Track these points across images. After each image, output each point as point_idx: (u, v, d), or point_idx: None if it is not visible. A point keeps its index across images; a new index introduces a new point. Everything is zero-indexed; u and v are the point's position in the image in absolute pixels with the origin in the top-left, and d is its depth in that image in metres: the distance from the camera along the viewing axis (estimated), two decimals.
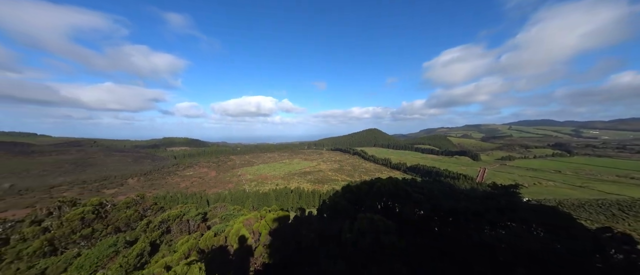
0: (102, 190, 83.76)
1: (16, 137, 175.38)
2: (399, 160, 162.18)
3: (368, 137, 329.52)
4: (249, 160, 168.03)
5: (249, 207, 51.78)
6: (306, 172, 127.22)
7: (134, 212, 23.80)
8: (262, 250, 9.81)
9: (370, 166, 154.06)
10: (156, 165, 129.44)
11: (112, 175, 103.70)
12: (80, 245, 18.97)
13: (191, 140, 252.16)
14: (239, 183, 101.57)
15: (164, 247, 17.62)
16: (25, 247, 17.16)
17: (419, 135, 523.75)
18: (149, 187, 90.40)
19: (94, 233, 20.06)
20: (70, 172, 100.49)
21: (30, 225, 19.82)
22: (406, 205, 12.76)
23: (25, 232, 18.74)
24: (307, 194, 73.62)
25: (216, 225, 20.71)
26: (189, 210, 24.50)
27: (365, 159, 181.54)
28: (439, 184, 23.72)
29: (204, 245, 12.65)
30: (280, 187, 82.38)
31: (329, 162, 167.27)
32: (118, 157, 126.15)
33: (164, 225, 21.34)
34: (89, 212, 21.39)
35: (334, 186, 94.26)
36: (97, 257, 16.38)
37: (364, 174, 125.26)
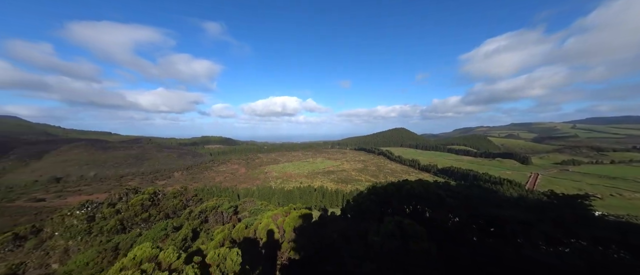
0: (155, 181, 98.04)
1: (97, 135, 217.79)
2: (429, 161, 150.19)
3: (394, 136, 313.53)
4: (275, 159, 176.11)
5: (275, 203, 54.38)
6: (329, 172, 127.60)
7: (179, 201, 27.23)
8: (287, 245, 10.21)
9: (396, 167, 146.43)
10: (196, 161, 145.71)
11: (162, 169, 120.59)
12: (141, 226, 22.53)
13: (224, 138, 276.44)
14: (266, 180, 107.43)
15: (203, 234, 19.77)
16: (105, 224, 21.16)
17: (453, 135, 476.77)
18: (190, 180, 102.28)
19: (150, 217, 23.60)
20: (133, 164, 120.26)
21: (107, 207, 24.35)
22: (438, 211, 11.79)
23: (104, 212, 23.08)
24: (331, 193, 73.81)
25: (246, 218, 22.35)
26: (222, 203, 26.96)
27: (390, 160, 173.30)
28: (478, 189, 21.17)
29: (236, 236, 13.78)
30: (304, 186, 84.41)
31: (352, 161, 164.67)
32: (166, 153, 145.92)
33: (202, 215, 23.92)
34: (146, 199, 25.22)
35: (357, 186, 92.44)
36: (153, 237, 19.24)
37: (389, 175, 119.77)
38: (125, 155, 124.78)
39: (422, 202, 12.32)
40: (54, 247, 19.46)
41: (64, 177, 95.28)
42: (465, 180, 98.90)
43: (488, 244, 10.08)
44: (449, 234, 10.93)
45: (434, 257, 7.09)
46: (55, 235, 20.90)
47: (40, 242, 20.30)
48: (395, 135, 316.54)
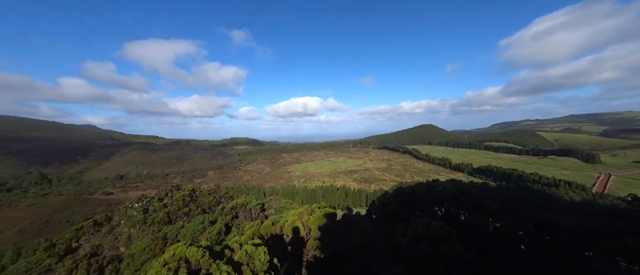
0: (193, 179, 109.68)
1: (147, 138, 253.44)
2: (462, 160, 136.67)
3: (421, 134, 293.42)
4: (297, 158, 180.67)
5: (298, 201, 55.81)
6: (352, 171, 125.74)
7: (213, 198, 29.92)
8: (313, 243, 10.42)
9: (424, 166, 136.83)
10: (226, 161, 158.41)
11: (199, 168, 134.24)
12: (183, 219, 25.42)
13: (250, 139, 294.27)
14: (289, 179, 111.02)
15: (234, 229, 21.40)
16: (156, 216, 24.40)
17: (491, 130, 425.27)
18: (222, 179, 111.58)
19: (190, 211, 26.47)
20: (175, 164, 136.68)
21: (157, 201, 28.05)
22: (475, 214, 10.70)
23: (155, 205, 26.63)
24: (354, 192, 72.67)
25: (272, 215, 23.46)
26: (250, 200, 28.76)
27: (417, 158, 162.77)
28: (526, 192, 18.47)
29: (264, 232, 14.58)
30: (327, 185, 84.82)
31: (376, 160, 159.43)
32: (201, 154, 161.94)
33: (233, 211, 25.86)
34: (187, 195, 28.31)
35: (382, 186, 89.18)
36: (192, 230, 21.56)
37: (416, 175, 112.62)
38: (169, 156, 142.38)
39: (456, 204, 11.34)
40: (121, 233, 23.26)
41: (125, 174, 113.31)
42: (508, 181, 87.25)
43: (540, 252, 8.75)
44: (489, 240, 9.83)
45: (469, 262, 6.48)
46: (121, 224, 24.97)
47: (111, 228, 24.42)
48: (422, 133, 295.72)
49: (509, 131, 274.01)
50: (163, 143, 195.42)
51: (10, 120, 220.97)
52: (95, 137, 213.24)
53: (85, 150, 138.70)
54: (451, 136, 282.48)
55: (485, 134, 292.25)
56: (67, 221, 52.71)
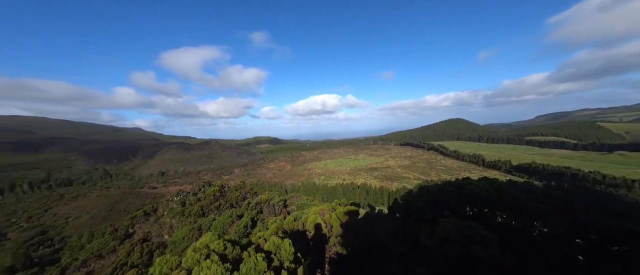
0: (221, 176, 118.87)
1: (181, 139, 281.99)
2: (498, 157, 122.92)
3: (448, 129, 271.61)
4: (317, 156, 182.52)
5: (319, 198, 56.64)
6: (373, 168, 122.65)
7: (239, 194, 32.07)
8: (335, 240, 10.57)
9: (452, 163, 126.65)
10: (250, 159, 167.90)
11: (226, 166, 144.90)
12: (214, 212, 27.81)
13: (272, 138, 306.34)
14: (310, 176, 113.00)
15: (259, 223, 22.75)
16: (191, 209, 27.13)
17: (535, 123, 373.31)
18: (247, 176, 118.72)
19: (220, 206, 28.80)
20: (205, 162, 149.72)
21: (192, 195, 31.15)
22: (517, 216, 9.65)
23: (191, 199, 29.61)
24: (375, 190, 70.97)
25: (294, 211, 24.30)
26: (273, 196, 30.14)
27: (444, 155, 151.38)
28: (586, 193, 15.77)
29: (287, 227, 15.24)
30: (347, 182, 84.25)
31: (398, 158, 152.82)
32: (228, 153, 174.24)
33: (258, 206, 27.42)
34: (217, 191, 30.82)
35: (405, 184, 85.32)
36: (222, 223, 23.49)
37: (443, 173, 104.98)
38: (200, 155, 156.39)
39: (491, 205, 10.37)
40: (164, 223, 26.51)
41: (165, 171, 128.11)
42: (558, 180, 75.89)
43: (605, 264, 7.50)
44: (533, 246, 8.78)
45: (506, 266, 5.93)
46: (164, 214, 28.43)
47: (157, 218, 27.95)
48: (450, 128, 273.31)
49: (559, 123, 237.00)
50: (195, 143, 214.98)
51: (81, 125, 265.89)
52: (141, 138, 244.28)
53: (135, 149, 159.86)
54: (484, 130, 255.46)
55: (527, 127, 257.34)
56: (124, 210, 61.84)
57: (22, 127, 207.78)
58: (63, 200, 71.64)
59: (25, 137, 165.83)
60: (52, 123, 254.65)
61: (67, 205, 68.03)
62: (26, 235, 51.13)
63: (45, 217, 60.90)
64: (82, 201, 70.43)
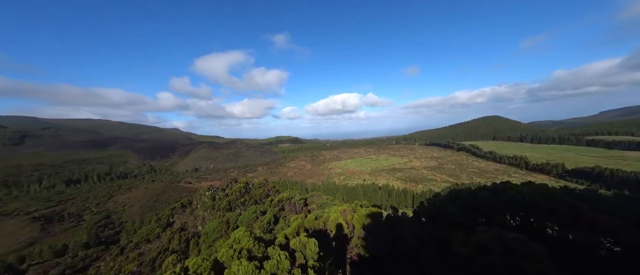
0: (246, 174, 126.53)
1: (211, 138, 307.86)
2: (546, 159, 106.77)
3: (482, 127, 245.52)
4: (337, 156, 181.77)
5: (339, 198, 56.49)
6: (395, 169, 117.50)
7: (262, 191, 33.79)
8: (356, 241, 10.56)
9: (487, 166, 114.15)
10: (272, 158, 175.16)
11: (250, 164, 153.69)
12: (240, 208, 29.80)
13: (293, 138, 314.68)
14: (330, 176, 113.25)
15: (281, 220, 23.72)
16: (220, 203, 29.48)
17: (599, 119, 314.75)
18: (269, 174, 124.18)
19: (245, 201, 30.74)
20: (232, 160, 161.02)
21: (221, 191, 33.84)
22: (575, 229, 8.40)
23: (219, 195, 32.20)
24: (398, 192, 67.93)
25: (315, 210, 24.74)
26: (294, 195, 31.06)
27: (477, 156, 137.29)
28: None
29: (309, 225, 15.64)
30: (368, 183, 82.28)
31: (423, 158, 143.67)
32: (252, 152, 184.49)
33: (280, 203, 28.57)
34: (242, 188, 32.92)
35: (431, 187, 79.85)
36: (248, 218, 25.09)
37: (476, 176, 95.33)
38: (227, 153, 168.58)
39: (540, 214, 9.23)
40: (198, 215, 29.40)
41: (198, 168, 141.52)
42: (633, 189, 62.79)
43: None
44: (599, 265, 7.45)
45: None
46: (198, 207, 31.53)
47: (192, 210, 31.11)
48: (484, 126, 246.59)
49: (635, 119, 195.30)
50: (223, 142, 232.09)
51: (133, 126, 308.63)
52: (178, 137, 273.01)
53: (173, 148, 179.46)
54: (528, 129, 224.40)
55: (587, 125, 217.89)
56: (165, 202, 70.12)
57: (92, 128, 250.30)
58: (121, 191, 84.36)
59: (94, 136, 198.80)
60: (113, 124, 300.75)
61: (123, 195, 79.94)
62: (95, 218, 61.60)
63: (109, 204, 72.50)
64: (134, 192, 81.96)
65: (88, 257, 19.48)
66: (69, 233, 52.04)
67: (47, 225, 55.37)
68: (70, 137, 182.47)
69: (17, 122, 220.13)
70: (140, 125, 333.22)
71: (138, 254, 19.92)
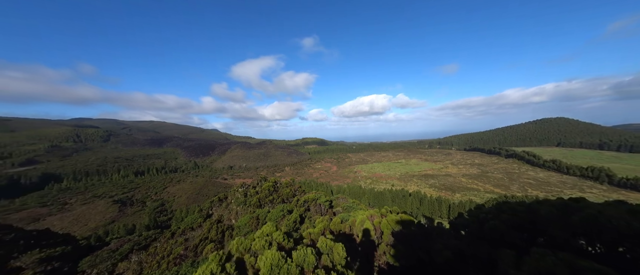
0: (274, 173, 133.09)
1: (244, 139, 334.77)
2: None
3: (541, 131, 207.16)
4: (364, 159, 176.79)
5: (365, 202, 54.71)
6: (428, 175, 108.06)
7: (289, 190, 34.97)
8: (385, 248, 10.08)
9: (547, 177, 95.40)
10: (299, 159, 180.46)
11: (278, 164, 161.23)
12: (269, 205, 31.44)
13: (319, 140, 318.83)
14: (356, 179, 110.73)
15: (307, 221, 24.16)
16: (251, 200, 31.55)
17: None
18: (296, 174, 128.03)
19: (273, 200, 32.26)
20: (262, 159, 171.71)
21: (252, 188, 36.26)
22: None
23: (250, 192, 34.53)
24: (431, 200, 62.22)
25: (340, 213, 24.50)
26: (320, 196, 31.30)
27: (533, 165, 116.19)
28: None
29: (334, 228, 15.57)
30: (397, 189, 77.60)
31: (462, 164, 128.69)
32: (280, 152, 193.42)
33: (306, 204, 29.14)
34: (271, 186, 34.65)
35: (471, 197, 70.75)
36: (275, 216, 26.27)
37: (533, 188, 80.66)
38: (258, 153, 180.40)
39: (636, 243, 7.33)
40: (232, 209, 32.14)
41: (233, 166, 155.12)
42: None
43: None
44: None
45: None
46: (232, 202, 34.47)
47: (227, 204, 34.16)
48: (544, 130, 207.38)
49: None
50: (254, 142, 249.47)
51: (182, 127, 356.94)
52: (217, 137, 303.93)
53: (213, 147, 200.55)
54: (612, 133, 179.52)
55: None
56: (206, 195, 78.73)
57: (153, 128, 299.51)
58: (172, 183, 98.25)
59: (155, 135, 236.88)
60: (168, 125, 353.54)
61: (174, 186, 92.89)
62: (154, 205, 72.84)
63: (163, 194, 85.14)
64: (182, 185, 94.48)
65: (149, 237, 23.20)
66: (137, 215, 63.11)
67: (122, 207, 68.19)
68: (139, 136, 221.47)
69: (105, 124, 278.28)
70: (188, 126, 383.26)
71: (184, 239, 22.82)
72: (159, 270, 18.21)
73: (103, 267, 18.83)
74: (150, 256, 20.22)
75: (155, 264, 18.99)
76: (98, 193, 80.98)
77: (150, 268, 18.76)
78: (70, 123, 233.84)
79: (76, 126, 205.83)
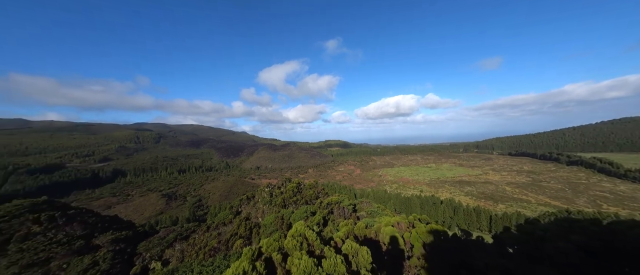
0: (298, 175, 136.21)
1: (270, 141, 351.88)
2: None
3: (621, 133, 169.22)
4: (389, 162, 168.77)
5: (391, 208, 51.99)
6: (463, 182, 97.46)
7: (313, 192, 35.25)
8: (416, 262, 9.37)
9: (632, 190, 76.77)
10: (322, 161, 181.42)
11: (302, 165, 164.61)
12: (293, 206, 32.16)
13: (342, 142, 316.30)
14: (380, 183, 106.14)
15: (330, 223, 23.98)
16: (276, 200, 32.71)
17: None
18: (319, 176, 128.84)
19: (297, 201, 32.90)
20: (286, 161, 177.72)
21: (277, 189, 37.53)
22: None
23: (275, 192, 35.84)
24: (467, 210, 55.81)
25: (364, 218, 23.68)
26: (343, 199, 30.81)
27: (608, 175, 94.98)
28: None
29: (358, 233, 15.09)
30: (426, 195, 71.77)
31: (506, 171, 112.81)
32: (303, 154, 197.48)
33: (329, 206, 28.98)
34: (295, 187, 35.43)
35: (519, 209, 61.13)
36: (299, 217, 26.69)
37: (609, 203, 65.90)
38: (282, 155, 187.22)
39: None
40: (259, 208, 33.84)
41: (259, 166, 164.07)
42: None
43: None
44: None
45: None
46: (259, 201, 36.33)
47: (255, 203, 36.11)
48: (626, 131, 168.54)
49: None
50: (279, 144, 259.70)
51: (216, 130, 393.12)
52: (245, 140, 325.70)
53: (242, 148, 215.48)
54: None
55: None
56: (236, 193, 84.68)
57: (193, 131, 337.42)
58: (208, 181, 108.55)
59: (194, 137, 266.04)
60: (204, 129, 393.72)
61: (209, 184, 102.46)
62: (193, 200, 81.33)
63: (200, 190, 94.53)
64: (215, 183, 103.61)
65: (189, 229, 25.94)
66: (179, 209, 71.43)
67: (169, 201, 78.05)
68: (181, 138, 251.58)
69: (156, 127, 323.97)
70: (221, 129, 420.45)
71: (217, 233, 24.85)
72: (197, 260, 20.15)
73: (154, 251, 21.68)
74: (190, 246, 22.53)
75: (194, 254, 21.03)
76: (151, 187, 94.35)
77: (190, 257, 20.86)
78: (132, 127, 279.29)
79: (136, 129, 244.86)
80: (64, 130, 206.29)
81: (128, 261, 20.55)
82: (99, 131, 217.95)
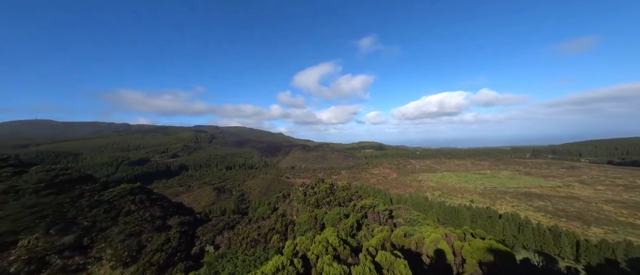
0: (331, 176, 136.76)
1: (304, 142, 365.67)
2: None
3: None
4: (430, 166, 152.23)
5: (433, 218, 46.61)
6: (532, 194, 79.44)
7: (346, 194, 34.71)
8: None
9: None
10: (355, 163, 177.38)
11: (335, 166, 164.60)
12: (326, 206, 32.36)
13: (376, 144, 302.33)
14: (420, 189, 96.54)
15: (364, 227, 23.11)
16: (310, 200, 33.60)
17: None
18: (352, 179, 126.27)
19: (330, 201, 32.97)
20: (319, 162, 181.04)
21: (310, 189, 38.56)
22: None
23: (309, 192, 36.81)
24: (539, 229, 44.97)
25: (402, 226, 21.90)
26: (378, 203, 29.25)
27: None
28: None
29: (396, 241, 14.01)
30: (479, 206, 61.35)
31: (603, 185, 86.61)
32: (336, 155, 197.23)
33: (363, 210, 27.99)
34: (328, 188, 35.60)
35: (625, 236, 45.63)
36: (332, 218, 26.64)
37: None
38: (316, 156, 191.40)
39: None
40: (293, 206, 35.38)
41: (294, 166, 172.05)
42: None
43: None
44: None
45: None
46: (294, 199, 38.00)
47: (290, 201, 37.94)
48: None
49: None
50: (313, 145, 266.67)
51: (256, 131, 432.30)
52: (282, 140, 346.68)
53: (279, 149, 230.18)
54: None
55: None
56: (273, 191, 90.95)
57: (237, 132, 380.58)
58: (249, 178, 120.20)
59: (238, 138, 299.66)
60: (246, 130, 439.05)
61: (250, 181, 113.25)
62: (237, 194, 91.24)
63: (243, 186, 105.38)
64: (255, 180, 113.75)
65: (234, 220, 29.21)
66: (226, 201, 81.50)
67: (219, 194, 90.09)
68: (228, 138, 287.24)
69: (210, 129, 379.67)
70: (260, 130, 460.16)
71: (257, 226, 27.12)
72: (241, 248, 22.44)
73: (208, 237, 25.26)
74: (235, 235, 25.31)
75: (238, 243, 23.49)
76: (206, 180, 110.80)
77: (235, 245, 23.38)
78: (193, 129, 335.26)
79: (195, 131, 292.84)
80: (149, 132, 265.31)
81: (190, 242, 24.57)
82: (170, 132, 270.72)
